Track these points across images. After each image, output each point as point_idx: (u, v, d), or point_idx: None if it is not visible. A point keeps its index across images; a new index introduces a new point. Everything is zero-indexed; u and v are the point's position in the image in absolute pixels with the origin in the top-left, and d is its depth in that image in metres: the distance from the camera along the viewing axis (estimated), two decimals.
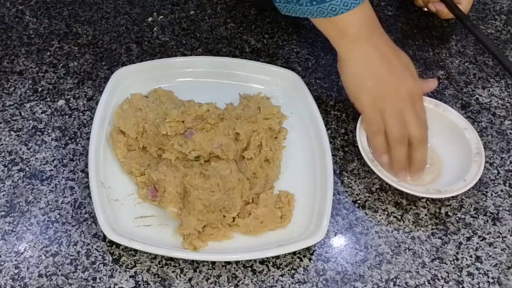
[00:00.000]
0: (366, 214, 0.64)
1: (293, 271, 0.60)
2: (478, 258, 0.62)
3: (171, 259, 0.60)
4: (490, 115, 0.75)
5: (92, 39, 0.80)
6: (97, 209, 0.59)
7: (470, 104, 0.76)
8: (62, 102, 0.73)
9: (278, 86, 0.73)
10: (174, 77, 0.73)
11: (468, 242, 0.63)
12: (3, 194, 0.64)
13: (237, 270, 0.59)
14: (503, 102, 0.76)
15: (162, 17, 0.84)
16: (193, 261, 0.59)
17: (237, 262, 0.60)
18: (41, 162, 0.67)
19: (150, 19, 0.83)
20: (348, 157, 0.69)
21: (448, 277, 0.60)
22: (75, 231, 0.61)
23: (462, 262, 0.61)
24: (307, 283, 0.59)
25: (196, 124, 0.64)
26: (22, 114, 0.71)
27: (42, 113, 0.71)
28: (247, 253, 0.59)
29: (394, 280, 0.60)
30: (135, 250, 0.60)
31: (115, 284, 0.58)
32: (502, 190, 0.67)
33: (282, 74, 0.73)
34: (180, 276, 0.59)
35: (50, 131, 0.70)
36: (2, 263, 0.59)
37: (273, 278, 0.59)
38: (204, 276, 0.59)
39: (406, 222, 0.64)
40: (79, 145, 0.68)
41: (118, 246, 0.60)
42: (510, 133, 0.73)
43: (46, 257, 0.59)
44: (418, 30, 0.84)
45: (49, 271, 0.58)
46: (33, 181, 0.65)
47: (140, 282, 0.58)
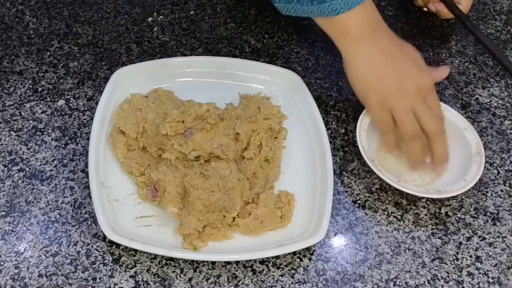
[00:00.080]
0: (366, 214, 0.64)
1: (293, 271, 0.60)
2: (478, 258, 0.62)
3: (171, 259, 0.60)
4: (490, 115, 0.75)
5: (92, 39, 0.80)
6: (97, 209, 0.59)
7: (470, 104, 0.76)
8: (62, 102, 0.73)
9: (278, 86, 0.73)
10: (174, 77, 0.73)
11: (468, 242, 0.63)
12: (3, 194, 0.64)
13: (237, 270, 0.59)
14: (503, 102, 0.76)
15: (162, 17, 0.84)
16: (193, 261, 0.59)
17: (237, 262, 0.60)
18: (41, 162, 0.67)
19: (150, 19, 0.83)
20: (348, 157, 0.69)
21: (448, 277, 0.60)
22: (75, 231, 0.61)
23: (462, 262, 0.61)
24: (307, 283, 0.59)
25: (196, 124, 0.64)
26: (22, 114, 0.71)
27: (42, 113, 0.71)
28: (247, 253, 0.59)
29: (394, 280, 0.60)
30: (135, 250, 0.60)
31: (115, 284, 0.58)
32: (502, 190, 0.67)
33: (282, 74, 0.73)
34: (180, 276, 0.59)
35: (50, 131, 0.70)
36: (2, 263, 0.59)
37: (273, 278, 0.59)
38: (204, 276, 0.59)
39: (406, 222, 0.64)
40: (79, 145, 0.68)
41: (118, 246, 0.60)
42: (510, 133, 0.73)
43: (46, 257, 0.59)
44: (418, 30, 0.84)
45: (49, 271, 0.58)
46: (33, 181, 0.65)
47: (140, 282, 0.58)
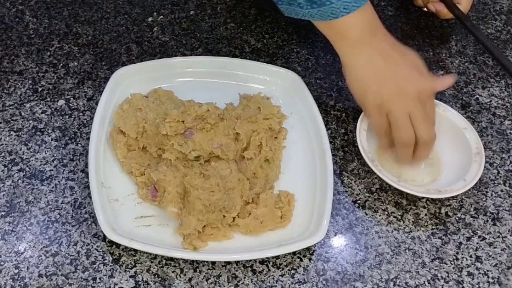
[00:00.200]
0: (366, 214, 0.64)
1: (293, 271, 0.60)
2: (478, 258, 0.62)
3: (171, 259, 0.60)
4: (490, 115, 0.75)
5: (92, 39, 0.80)
6: (97, 209, 0.59)
7: (470, 104, 0.76)
8: (62, 102, 0.73)
9: (278, 86, 0.73)
10: (174, 77, 0.73)
11: (468, 242, 0.63)
12: (3, 194, 0.64)
13: (237, 270, 0.59)
14: (503, 102, 0.76)
15: (162, 17, 0.84)
16: (193, 261, 0.59)
17: (237, 262, 0.60)
18: (41, 162, 0.67)
19: (150, 19, 0.83)
20: (348, 157, 0.69)
21: (448, 277, 0.60)
22: (75, 231, 0.61)
23: (462, 262, 0.61)
24: (307, 283, 0.59)
25: (196, 124, 0.64)
26: (22, 114, 0.71)
27: (42, 113, 0.71)
28: (247, 253, 0.59)
29: (394, 280, 0.60)
30: (135, 250, 0.60)
31: (115, 284, 0.58)
32: (502, 190, 0.67)
33: (282, 74, 0.73)
34: (180, 276, 0.59)
35: (50, 131, 0.70)
36: (2, 263, 0.59)
37: (273, 278, 0.59)
38: (204, 276, 0.59)
39: (406, 222, 0.64)
40: (79, 145, 0.68)
41: (118, 246, 0.60)
42: (510, 133, 0.73)
43: (46, 257, 0.59)
44: (418, 30, 0.84)
45: (49, 271, 0.58)
46: (33, 181, 0.65)
47: (140, 282, 0.58)
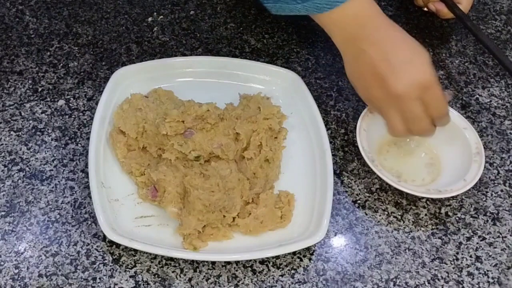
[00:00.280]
0: (366, 214, 0.64)
1: (293, 271, 0.60)
2: (478, 258, 0.62)
3: (171, 259, 0.60)
4: (490, 115, 0.75)
5: (92, 39, 0.80)
6: (97, 209, 0.59)
7: (470, 104, 0.76)
8: (62, 102, 0.73)
9: (278, 86, 0.73)
10: (174, 77, 0.73)
11: (468, 242, 0.63)
12: (3, 194, 0.64)
13: (237, 270, 0.59)
14: (503, 102, 0.76)
15: (162, 17, 0.84)
16: (193, 261, 0.59)
17: (237, 262, 0.60)
18: (41, 162, 0.67)
19: (150, 19, 0.83)
20: (348, 157, 0.69)
21: (448, 277, 0.60)
22: (75, 231, 0.61)
23: (462, 262, 0.61)
24: (307, 283, 0.59)
25: (196, 124, 0.64)
26: (22, 114, 0.71)
27: (42, 113, 0.71)
28: (247, 253, 0.59)
29: (394, 280, 0.60)
30: (135, 250, 0.60)
31: (115, 284, 0.58)
32: (502, 190, 0.67)
33: (282, 74, 0.73)
34: (180, 276, 0.59)
35: (50, 131, 0.70)
36: (2, 263, 0.59)
37: (273, 278, 0.59)
38: (204, 276, 0.59)
39: (406, 222, 0.64)
40: (79, 145, 0.68)
41: (118, 246, 0.60)
42: (510, 133, 0.73)
43: (46, 257, 0.59)
44: (418, 30, 0.84)
45: (49, 271, 0.58)
46: (33, 181, 0.65)
47: (140, 282, 0.58)
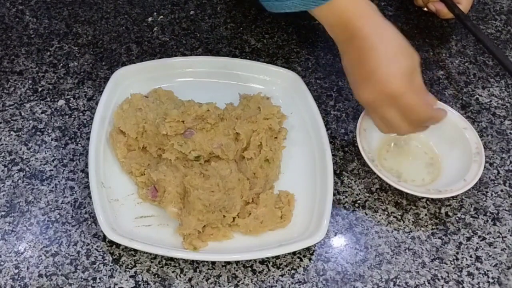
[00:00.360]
0: (366, 214, 0.64)
1: (293, 271, 0.60)
2: (478, 258, 0.62)
3: (171, 259, 0.60)
4: (490, 115, 0.75)
5: (92, 39, 0.80)
6: (97, 209, 0.59)
7: (470, 104, 0.76)
8: (62, 102, 0.73)
9: (278, 86, 0.73)
10: (174, 77, 0.73)
11: (468, 242, 0.63)
12: (3, 194, 0.64)
13: (237, 270, 0.59)
14: (503, 102, 0.76)
15: (162, 17, 0.84)
16: (193, 261, 0.59)
17: (237, 262, 0.60)
18: (41, 162, 0.67)
19: (150, 19, 0.83)
20: (348, 157, 0.69)
21: (448, 277, 0.60)
22: (75, 231, 0.61)
23: (462, 262, 0.61)
24: (307, 283, 0.59)
25: (196, 124, 0.64)
26: (22, 114, 0.71)
27: (42, 113, 0.71)
28: (247, 253, 0.59)
29: (394, 280, 0.60)
30: (135, 250, 0.60)
31: (115, 284, 0.58)
32: (502, 190, 0.67)
33: (282, 74, 0.73)
34: (180, 276, 0.59)
35: (50, 131, 0.70)
36: (2, 263, 0.59)
37: (273, 278, 0.59)
38: (204, 276, 0.59)
39: (406, 222, 0.64)
40: (79, 145, 0.68)
41: (118, 246, 0.60)
42: (510, 133, 0.73)
43: (46, 257, 0.59)
44: (418, 30, 0.84)
45: (49, 271, 0.58)
46: (33, 181, 0.65)
47: (140, 282, 0.58)
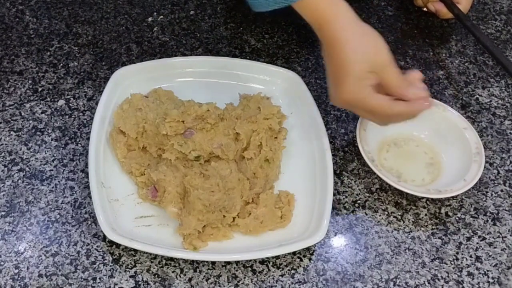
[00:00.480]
0: (366, 214, 0.64)
1: (293, 271, 0.60)
2: (478, 258, 0.62)
3: (171, 259, 0.60)
4: (490, 115, 0.75)
5: (92, 39, 0.80)
6: (97, 209, 0.59)
7: (470, 104, 0.76)
8: (62, 102, 0.73)
9: (278, 86, 0.73)
10: (174, 77, 0.73)
11: (468, 242, 0.63)
12: (3, 194, 0.64)
13: (237, 270, 0.59)
14: (503, 102, 0.76)
15: (162, 17, 0.84)
16: (193, 261, 0.59)
17: (237, 262, 0.60)
18: (41, 162, 0.67)
19: (150, 19, 0.83)
20: (348, 157, 0.69)
21: (448, 277, 0.60)
22: (75, 231, 0.61)
23: (462, 262, 0.61)
24: (307, 283, 0.59)
25: (196, 124, 0.64)
26: (22, 114, 0.71)
27: (42, 113, 0.71)
28: (247, 253, 0.59)
29: (394, 280, 0.60)
30: (135, 250, 0.60)
31: (115, 284, 0.58)
32: (502, 190, 0.67)
33: (282, 74, 0.73)
34: (180, 276, 0.59)
35: (50, 131, 0.70)
36: (2, 263, 0.59)
37: (273, 278, 0.59)
38: (204, 276, 0.59)
39: (406, 222, 0.64)
40: (79, 145, 0.68)
41: (118, 246, 0.60)
42: (510, 133, 0.73)
43: (46, 257, 0.59)
44: (418, 30, 0.84)
45: (49, 271, 0.58)
46: (33, 181, 0.65)
47: (140, 282, 0.58)
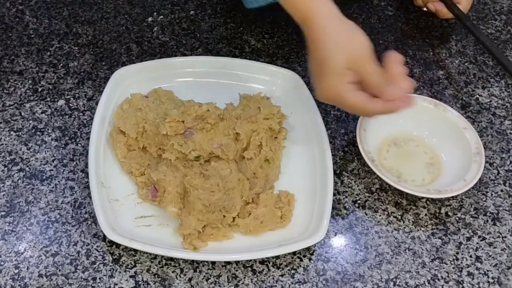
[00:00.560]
0: (366, 214, 0.64)
1: (293, 271, 0.60)
2: (478, 258, 0.62)
3: (171, 259, 0.60)
4: (490, 115, 0.75)
5: (92, 39, 0.80)
6: (97, 209, 0.59)
7: (470, 104, 0.76)
8: (62, 102, 0.73)
9: (278, 86, 0.73)
10: (174, 77, 0.73)
11: (468, 242, 0.63)
12: (3, 194, 0.64)
13: (237, 270, 0.59)
14: (503, 102, 0.76)
15: (162, 17, 0.84)
16: (193, 261, 0.59)
17: (237, 262, 0.60)
18: (41, 162, 0.67)
19: (150, 19, 0.83)
20: (348, 157, 0.69)
21: (448, 277, 0.60)
22: (75, 231, 0.61)
23: (462, 262, 0.61)
24: (307, 283, 0.59)
25: (196, 124, 0.64)
26: (22, 114, 0.71)
27: (42, 113, 0.71)
28: (247, 253, 0.59)
29: (394, 280, 0.60)
30: (135, 250, 0.60)
31: (115, 284, 0.58)
32: (502, 190, 0.67)
33: (282, 74, 0.73)
34: (180, 276, 0.59)
35: (50, 131, 0.70)
36: (2, 263, 0.59)
37: (273, 278, 0.59)
38: (204, 276, 0.59)
39: (406, 222, 0.64)
40: (79, 145, 0.68)
41: (118, 246, 0.60)
42: (510, 133, 0.73)
43: (46, 257, 0.59)
44: (418, 30, 0.84)
45: (49, 271, 0.58)
46: (33, 181, 0.65)
47: (140, 282, 0.58)
